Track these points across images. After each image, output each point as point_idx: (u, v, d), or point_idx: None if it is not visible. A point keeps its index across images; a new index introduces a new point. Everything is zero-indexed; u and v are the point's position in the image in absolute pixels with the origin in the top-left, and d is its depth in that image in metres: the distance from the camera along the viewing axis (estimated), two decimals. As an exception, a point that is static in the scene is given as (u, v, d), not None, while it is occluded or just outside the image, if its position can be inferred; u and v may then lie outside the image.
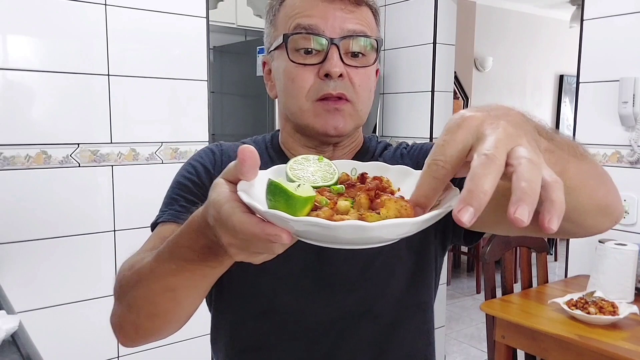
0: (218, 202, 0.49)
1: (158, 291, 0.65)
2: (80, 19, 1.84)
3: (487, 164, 0.41)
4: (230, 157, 0.87)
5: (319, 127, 0.81)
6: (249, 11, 2.98)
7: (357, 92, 0.81)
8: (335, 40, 0.78)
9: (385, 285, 0.84)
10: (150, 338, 0.73)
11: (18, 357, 0.90)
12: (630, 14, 2.02)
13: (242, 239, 0.48)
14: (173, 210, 0.83)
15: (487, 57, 5.58)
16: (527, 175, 0.41)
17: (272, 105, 2.65)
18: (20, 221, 1.78)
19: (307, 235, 0.46)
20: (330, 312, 0.83)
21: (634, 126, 2.02)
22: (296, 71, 0.80)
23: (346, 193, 0.52)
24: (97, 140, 1.91)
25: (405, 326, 0.87)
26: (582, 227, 0.66)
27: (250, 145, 0.48)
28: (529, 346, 1.77)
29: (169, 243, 0.61)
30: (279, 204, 0.46)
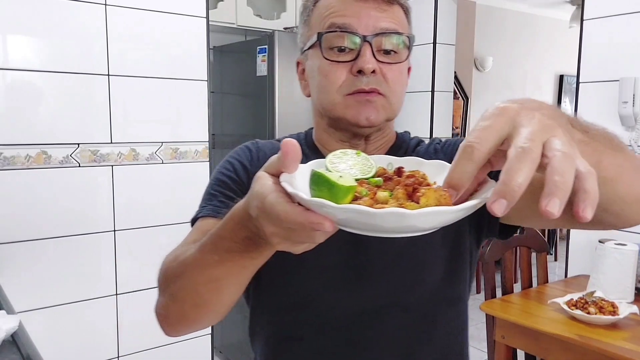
0: (262, 194, 0.51)
1: (201, 282, 0.67)
2: (80, 19, 1.84)
3: (522, 156, 0.42)
4: (266, 154, 0.90)
5: (350, 117, 0.83)
6: (249, 11, 2.98)
7: (390, 87, 0.83)
8: (368, 37, 0.80)
9: (420, 277, 0.85)
10: (193, 327, 0.76)
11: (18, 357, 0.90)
12: (630, 14, 2.02)
13: (286, 227, 0.50)
14: (212, 205, 0.85)
15: (487, 57, 5.58)
16: (560, 168, 0.41)
17: (272, 105, 2.65)
18: (20, 221, 1.78)
19: (349, 223, 0.48)
20: (365, 302, 0.85)
21: (634, 126, 2.02)
22: (330, 68, 0.83)
23: (384, 186, 0.54)
24: (97, 140, 1.91)
25: (441, 318, 0.88)
26: (622, 218, 0.66)
27: (292, 139, 0.50)
28: (529, 346, 1.77)
29: (212, 235, 0.64)
30: (322, 193, 0.48)
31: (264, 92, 2.68)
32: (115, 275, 1.98)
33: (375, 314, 0.85)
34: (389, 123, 0.90)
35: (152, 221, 2.05)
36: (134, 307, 2.02)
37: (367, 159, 0.59)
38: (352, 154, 0.60)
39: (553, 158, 0.42)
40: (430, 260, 0.86)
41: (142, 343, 2.05)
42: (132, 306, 2.01)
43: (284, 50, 2.63)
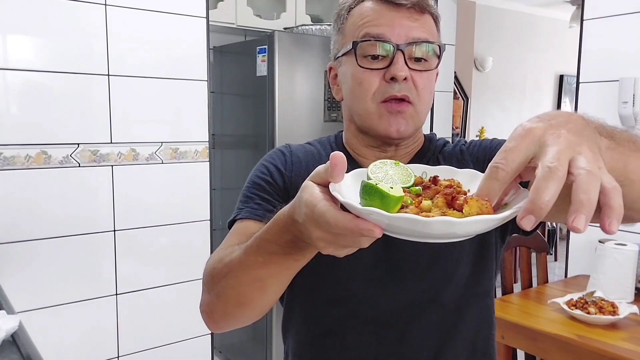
0: (311, 202, 0.55)
1: (246, 282, 0.72)
2: (80, 19, 1.84)
3: (549, 176, 0.46)
4: (299, 157, 0.95)
5: (381, 129, 0.87)
6: (249, 11, 2.97)
7: (419, 94, 0.87)
8: (401, 46, 0.85)
9: (452, 273, 0.89)
10: (237, 324, 0.81)
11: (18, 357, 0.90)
12: (630, 14, 2.02)
13: (335, 233, 0.54)
14: (249, 208, 0.89)
15: (487, 57, 5.58)
16: (585, 186, 0.45)
17: (272, 105, 2.65)
18: (20, 221, 1.78)
19: (397, 230, 0.52)
20: (401, 299, 0.89)
21: (634, 126, 2.02)
22: (363, 75, 0.87)
23: (423, 194, 0.59)
24: (97, 140, 1.91)
25: (469, 313, 0.92)
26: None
27: (340, 152, 0.55)
28: (528, 346, 1.77)
29: (256, 238, 0.68)
30: (374, 202, 0.52)
31: (264, 92, 2.68)
32: (115, 275, 1.98)
33: (410, 310, 0.89)
34: (417, 134, 0.94)
35: (152, 221, 2.05)
36: (134, 307, 2.02)
37: (405, 169, 0.64)
38: (390, 164, 0.64)
39: (579, 176, 0.46)
40: (460, 258, 0.90)
41: (142, 343, 2.05)
42: (132, 306, 2.01)
43: (284, 51, 2.63)
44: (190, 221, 2.11)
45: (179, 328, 2.10)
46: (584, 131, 0.52)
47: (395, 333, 0.89)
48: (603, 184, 0.46)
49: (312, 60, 2.71)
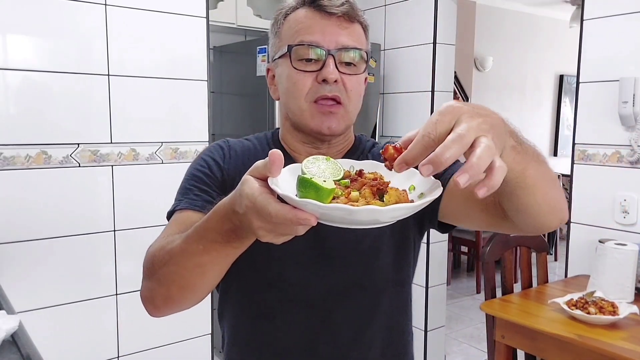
0: (252, 195, 0.61)
1: (188, 267, 0.76)
2: (80, 19, 1.84)
3: (456, 140, 0.55)
4: (237, 151, 1.02)
5: (314, 126, 0.94)
6: (249, 11, 2.97)
7: (349, 96, 0.94)
8: (332, 51, 0.92)
9: (373, 261, 0.98)
10: (178, 308, 0.85)
11: (18, 357, 0.90)
12: (630, 14, 2.02)
13: (275, 222, 0.59)
14: (188, 199, 0.95)
15: (487, 57, 5.58)
16: (480, 153, 0.55)
17: (272, 105, 2.65)
18: (20, 221, 1.78)
19: (330, 219, 0.60)
20: (328, 283, 0.96)
21: (634, 126, 2.02)
22: (297, 76, 0.94)
23: (351, 186, 0.67)
24: (97, 140, 1.91)
25: (387, 298, 1.00)
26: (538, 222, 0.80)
27: (278, 150, 0.60)
28: (528, 346, 1.77)
29: (197, 228, 0.73)
30: (309, 194, 0.59)
31: (264, 92, 2.68)
32: (115, 275, 1.98)
33: (336, 293, 0.96)
34: (347, 132, 1.01)
35: (152, 221, 2.05)
36: (134, 307, 2.02)
37: (335, 163, 0.72)
38: (322, 159, 0.71)
39: (478, 146, 0.55)
40: (381, 248, 0.98)
41: (142, 343, 2.05)
42: (132, 306, 2.01)
43: (284, 50, 2.63)
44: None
45: (179, 328, 2.10)
46: (498, 127, 0.60)
47: (322, 314, 0.96)
48: (494, 161, 0.56)
49: (312, 60, 2.71)
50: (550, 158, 6.39)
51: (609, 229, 2.07)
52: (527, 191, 0.72)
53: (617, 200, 2.05)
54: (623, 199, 2.03)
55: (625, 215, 2.03)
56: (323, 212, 0.58)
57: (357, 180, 0.69)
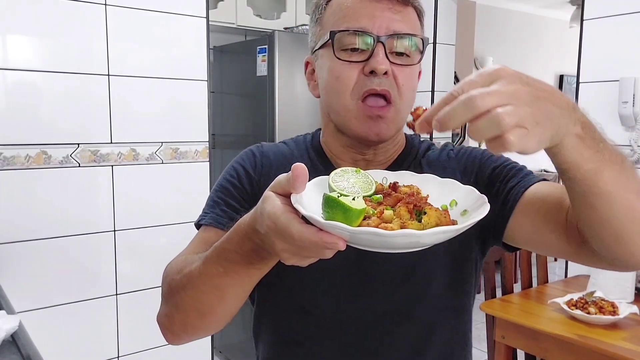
0: (274, 214, 0.55)
1: (207, 291, 0.70)
2: (80, 19, 1.84)
3: (465, 101, 0.49)
4: (270, 158, 0.91)
5: (360, 131, 0.82)
6: (249, 11, 2.97)
7: (400, 92, 0.81)
8: (382, 38, 0.79)
9: (425, 288, 0.85)
10: (197, 335, 0.78)
11: (18, 357, 0.90)
12: (630, 14, 2.02)
13: (299, 245, 0.54)
14: (214, 214, 0.87)
15: (487, 57, 5.58)
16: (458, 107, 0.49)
17: (272, 105, 2.65)
18: (20, 221, 1.78)
19: (361, 242, 0.54)
20: (370, 313, 0.84)
21: (634, 126, 2.02)
22: (341, 68, 0.81)
23: (384, 202, 0.61)
24: (97, 140, 1.90)
25: (442, 329, 0.88)
26: (618, 246, 0.64)
27: (301, 164, 0.55)
28: (529, 346, 1.77)
29: (217, 248, 0.67)
30: (336, 215, 0.53)
31: (264, 92, 2.68)
32: (115, 275, 1.98)
33: (380, 324, 0.85)
34: (397, 135, 0.88)
35: (152, 221, 2.04)
36: (134, 307, 2.02)
37: (366, 176, 0.65)
38: (352, 171, 0.65)
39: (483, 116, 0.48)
40: (434, 271, 0.85)
41: (142, 343, 2.05)
42: (132, 306, 2.01)
43: (284, 50, 2.63)
44: (190, 221, 2.09)
45: (179, 328, 2.09)
46: (550, 104, 0.52)
47: (363, 348, 0.85)
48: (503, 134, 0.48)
49: (312, 60, 2.71)
50: (550, 158, 6.39)
51: (609, 229, 2.07)
52: (603, 199, 0.60)
53: (617, 200, 2.05)
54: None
55: (625, 215, 2.03)
56: (352, 236, 0.52)
57: (391, 195, 0.61)
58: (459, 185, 0.67)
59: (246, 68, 2.80)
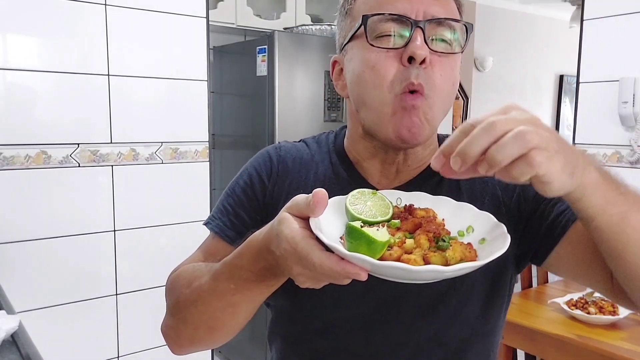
0: (293, 239, 0.54)
1: (219, 308, 0.69)
2: (80, 19, 1.83)
3: (486, 127, 0.49)
4: (287, 165, 0.85)
5: (394, 129, 0.72)
6: (249, 11, 2.97)
7: (437, 84, 0.72)
8: (420, 23, 0.70)
9: (458, 312, 0.79)
10: (205, 348, 0.78)
11: (18, 357, 0.90)
12: (630, 14, 2.02)
13: (319, 272, 0.53)
14: (222, 223, 0.84)
15: (487, 57, 5.58)
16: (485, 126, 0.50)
17: (272, 105, 2.65)
18: (20, 221, 1.78)
19: (384, 274, 0.53)
20: (396, 337, 0.79)
21: (634, 126, 2.02)
22: (377, 57, 0.72)
23: (402, 226, 0.60)
24: (97, 140, 1.90)
25: (473, 353, 0.82)
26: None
27: (322, 190, 0.54)
28: (528, 346, 1.77)
29: (227, 264, 0.66)
30: (360, 247, 0.53)
31: (264, 92, 2.68)
32: (115, 275, 1.98)
33: (407, 349, 0.79)
34: (430, 139, 0.82)
35: (152, 221, 2.04)
36: (134, 307, 2.02)
37: (383, 199, 0.64)
38: (369, 194, 0.64)
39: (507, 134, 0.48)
40: (469, 295, 0.79)
41: (142, 343, 2.05)
42: (132, 306, 2.01)
43: (284, 50, 2.63)
44: (190, 221, 2.11)
45: (179, 328, 2.09)
46: (564, 144, 0.52)
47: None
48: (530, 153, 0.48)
49: (312, 60, 2.71)
50: (550, 158, 6.39)
51: (609, 229, 2.07)
52: (632, 249, 0.58)
53: (617, 200, 2.05)
54: (623, 199, 2.03)
55: (625, 215, 2.03)
56: (382, 270, 0.52)
57: (408, 219, 0.61)
58: (475, 210, 0.65)
59: (246, 68, 2.80)
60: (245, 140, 2.92)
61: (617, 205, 0.56)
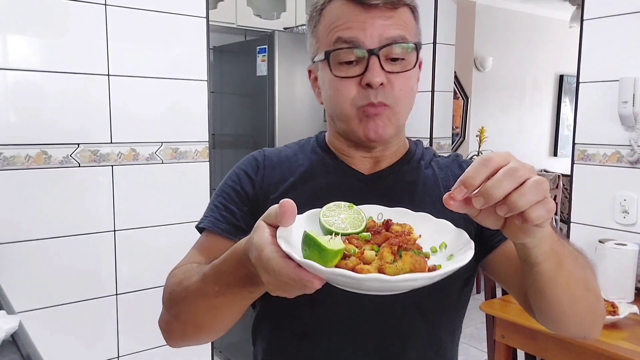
0: (260, 246, 0.57)
1: (204, 308, 0.73)
2: (80, 19, 1.84)
3: (509, 172, 0.54)
4: (273, 161, 0.93)
5: (361, 133, 0.85)
6: (249, 11, 2.98)
7: (397, 96, 0.83)
8: (375, 50, 0.80)
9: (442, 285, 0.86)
10: (194, 343, 0.83)
11: (18, 357, 0.90)
12: (630, 14, 2.02)
13: (279, 279, 0.55)
14: (213, 218, 0.89)
15: (487, 57, 5.58)
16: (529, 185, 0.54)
17: (272, 105, 2.65)
18: (20, 221, 1.78)
19: (336, 282, 0.54)
20: (383, 304, 0.82)
21: (634, 126, 2.02)
22: (339, 83, 0.84)
23: (372, 240, 0.61)
24: (97, 140, 1.91)
25: (445, 324, 0.91)
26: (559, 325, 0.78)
27: (290, 200, 0.56)
28: (528, 346, 1.77)
29: (214, 268, 0.70)
30: (313, 254, 0.54)
31: (264, 92, 2.68)
32: (115, 275, 1.98)
33: (394, 318, 0.85)
34: (399, 133, 0.92)
35: (152, 221, 2.05)
36: (134, 307, 2.02)
37: (358, 212, 0.66)
38: (344, 207, 0.66)
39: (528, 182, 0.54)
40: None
41: (142, 343, 2.05)
42: (132, 306, 2.01)
43: (284, 50, 2.63)
44: (190, 221, 2.11)
45: (179, 328, 2.09)
46: None
47: (374, 341, 0.85)
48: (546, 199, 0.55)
49: (312, 60, 2.71)
50: (550, 158, 6.39)
51: (609, 229, 2.07)
52: (558, 289, 0.70)
53: (617, 200, 2.05)
54: (623, 199, 2.03)
55: (625, 215, 2.03)
56: (326, 275, 0.53)
57: (381, 234, 0.62)
58: (450, 227, 0.66)
59: (246, 68, 2.80)
60: (245, 140, 2.92)
61: (557, 253, 0.65)
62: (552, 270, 0.67)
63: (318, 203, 0.66)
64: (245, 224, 0.88)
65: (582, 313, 0.76)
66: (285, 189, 0.89)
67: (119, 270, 1.99)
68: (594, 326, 0.80)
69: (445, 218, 0.67)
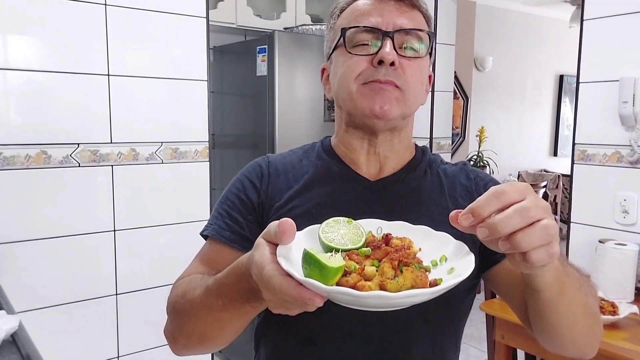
0: (260, 264, 0.57)
1: (207, 321, 0.75)
2: (80, 19, 1.84)
3: (520, 210, 0.54)
4: (278, 167, 0.93)
5: (365, 106, 0.84)
6: (249, 11, 2.98)
7: (407, 81, 0.84)
8: (390, 33, 0.84)
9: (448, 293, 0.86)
10: (199, 353, 0.84)
11: (18, 357, 0.90)
12: (630, 14, 2.02)
13: (279, 297, 0.56)
14: (217, 226, 0.89)
15: (487, 57, 5.58)
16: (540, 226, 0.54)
17: (272, 105, 2.65)
18: (20, 221, 1.78)
19: (337, 300, 0.54)
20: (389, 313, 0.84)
21: (634, 126, 2.02)
22: (351, 60, 0.85)
23: (372, 255, 0.60)
24: (97, 140, 1.91)
25: (450, 331, 0.92)
26: (556, 346, 0.79)
27: (289, 219, 0.56)
28: (529, 346, 1.77)
29: (217, 282, 0.70)
30: (313, 272, 0.54)
31: (264, 92, 2.68)
32: (115, 275, 1.98)
33: (401, 325, 0.84)
34: (407, 126, 0.92)
35: (152, 221, 2.05)
36: (134, 307, 2.02)
37: (357, 227, 0.65)
38: (344, 222, 0.65)
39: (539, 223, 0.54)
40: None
41: (142, 343, 2.05)
42: (132, 306, 2.01)
43: (284, 50, 2.63)
44: (190, 221, 2.11)
45: (179, 328, 2.09)
46: None
47: (380, 349, 0.85)
48: (551, 243, 0.55)
49: (312, 60, 2.71)
50: (550, 158, 6.39)
51: (609, 229, 2.07)
52: (559, 315, 0.71)
53: (617, 200, 2.05)
54: (623, 199, 2.03)
55: (625, 215, 2.03)
56: (327, 293, 0.53)
57: (381, 248, 0.61)
58: (450, 239, 0.66)
59: (246, 68, 2.80)
60: (245, 140, 2.92)
61: (561, 283, 0.66)
62: (553, 298, 0.68)
63: (323, 210, 0.67)
64: (250, 232, 0.87)
65: (580, 336, 0.78)
66: (290, 197, 0.89)
67: (118, 270, 1.99)
68: (590, 347, 0.82)
69: (451, 228, 0.66)
